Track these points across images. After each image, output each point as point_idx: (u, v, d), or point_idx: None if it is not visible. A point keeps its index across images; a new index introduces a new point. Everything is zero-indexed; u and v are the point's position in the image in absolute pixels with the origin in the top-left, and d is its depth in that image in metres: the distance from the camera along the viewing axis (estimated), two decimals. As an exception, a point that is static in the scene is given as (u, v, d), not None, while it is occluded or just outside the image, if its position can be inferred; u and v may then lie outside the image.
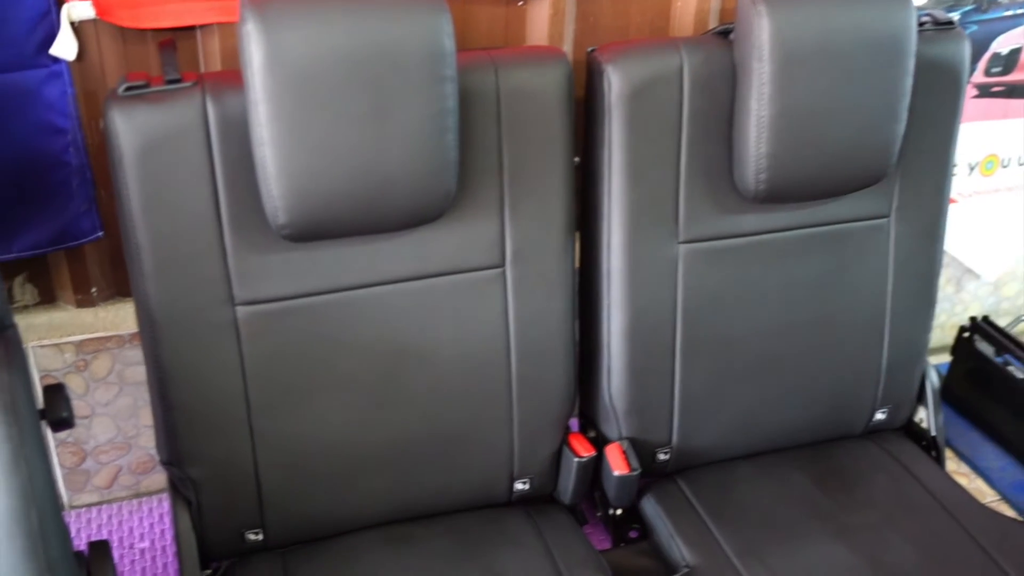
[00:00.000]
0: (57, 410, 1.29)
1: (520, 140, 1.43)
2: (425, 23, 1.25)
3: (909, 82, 1.49)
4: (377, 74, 1.24)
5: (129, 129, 1.27)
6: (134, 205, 1.30)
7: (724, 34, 1.53)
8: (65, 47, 1.45)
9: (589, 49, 1.54)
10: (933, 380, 1.81)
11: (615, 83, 1.46)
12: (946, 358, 2.31)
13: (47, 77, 1.47)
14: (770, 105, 1.42)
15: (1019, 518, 1.92)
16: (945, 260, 1.78)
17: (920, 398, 1.82)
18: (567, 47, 1.69)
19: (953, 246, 2.15)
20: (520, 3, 1.65)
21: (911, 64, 1.47)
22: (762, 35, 1.40)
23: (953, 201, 2.08)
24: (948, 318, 2.41)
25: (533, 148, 1.44)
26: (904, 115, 1.50)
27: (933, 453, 1.81)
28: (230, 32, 1.50)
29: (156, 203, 1.31)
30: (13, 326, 1.19)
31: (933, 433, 1.81)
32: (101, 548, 1.32)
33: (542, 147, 1.45)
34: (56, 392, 1.32)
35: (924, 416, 1.83)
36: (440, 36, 1.26)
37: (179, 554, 1.47)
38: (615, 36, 1.67)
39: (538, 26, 1.67)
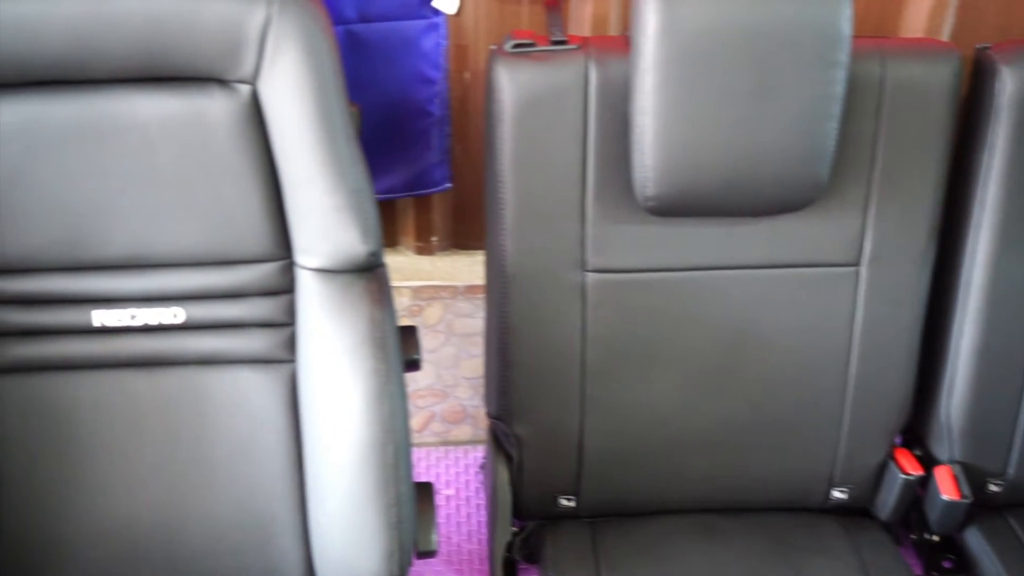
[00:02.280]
0: (410, 351, 1.34)
1: (897, 137, 1.36)
2: (825, 4, 1.21)
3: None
4: (767, 52, 1.21)
5: (512, 85, 1.29)
6: (506, 160, 1.32)
7: None
8: (449, 1, 1.49)
9: (979, 46, 1.44)
10: None
11: (1007, 85, 1.36)
12: None
13: (426, 28, 1.52)
14: None
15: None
16: None
17: None
18: (944, 40, 1.59)
19: None
20: (900, -9, 1.57)
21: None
22: None
23: None
24: None
25: (909, 147, 1.36)
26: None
27: None
28: (607, -1, 1.51)
29: (527, 160, 1.32)
30: (383, 265, 1.23)
31: None
32: (425, 489, 1.36)
33: (919, 147, 1.37)
34: (410, 334, 1.36)
35: None
36: (838, 19, 1.21)
37: (494, 507, 1.50)
38: (998, 34, 1.55)
39: (915, 16, 1.59)
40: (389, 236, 1.74)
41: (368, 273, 1.20)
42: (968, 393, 1.49)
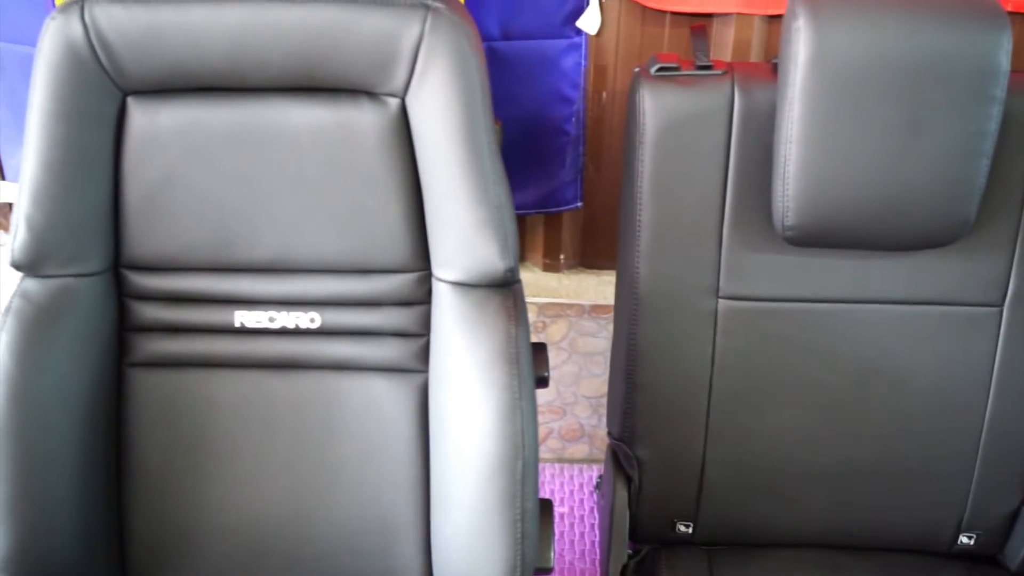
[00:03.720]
0: (540, 368, 1.34)
1: None
2: (984, 37, 1.18)
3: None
4: (920, 84, 1.18)
5: (656, 108, 1.29)
6: (645, 182, 1.32)
7: None
8: (591, 21, 1.50)
9: None
10: None
11: None
12: None
13: (567, 48, 1.53)
14: None
15: None
16: None
17: None
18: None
19: None
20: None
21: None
22: None
23: None
24: None
25: None
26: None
27: None
28: (746, 24, 1.50)
29: (666, 184, 1.32)
30: (519, 282, 1.24)
31: None
32: (546, 506, 1.36)
33: None
34: (540, 351, 1.37)
35: None
36: (997, 53, 1.18)
37: (610, 528, 1.49)
38: None
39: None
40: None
41: (504, 289, 1.21)
42: None
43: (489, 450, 1.14)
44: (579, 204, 1.67)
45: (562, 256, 1.74)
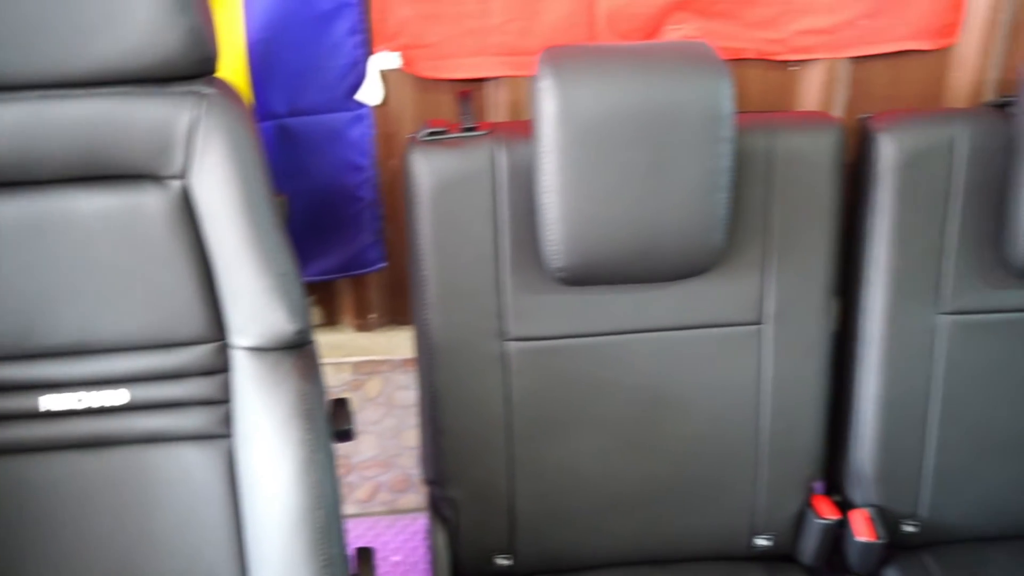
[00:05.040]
0: (341, 422, 1.42)
1: (788, 202, 1.47)
2: (707, 86, 1.32)
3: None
4: (657, 132, 1.31)
5: (427, 171, 1.39)
6: (425, 240, 1.42)
7: (1002, 106, 1.52)
8: (371, 93, 1.60)
9: (861, 116, 1.56)
10: None
11: (886, 151, 1.48)
12: None
13: (352, 119, 1.62)
14: None
15: None
16: None
17: None
18: (838, 113, 1.71)
19: None
20: (793, 68, 1.69)
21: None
22: None
23: None
24: None
25: (800, 211, 1.48)
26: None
27: None
28: (517, 85, 1.61)
29: (445, 240, 1.42)
30: (312, 342, 1.32)
31: None
32: (367, 554, 1.44)
33: (809, 210, 1.48)
34: (341, 406, 1.45)
35: None
36: (721, 99, 1.32)
37: (433, 569, 1.57)
38: (887, 104, 1.67)
39: (810, 91, 1.70)
40: (329, 315, 1.83)
41: (297, 350, 1.29)
42: (875, 441, 1.59)
43: (291, 503, 1.21)
44: (383, 264, 1.75)
45: (372, 315, 1.82)
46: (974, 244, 1.52)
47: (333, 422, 1.40)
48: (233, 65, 1.52)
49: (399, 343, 1.82)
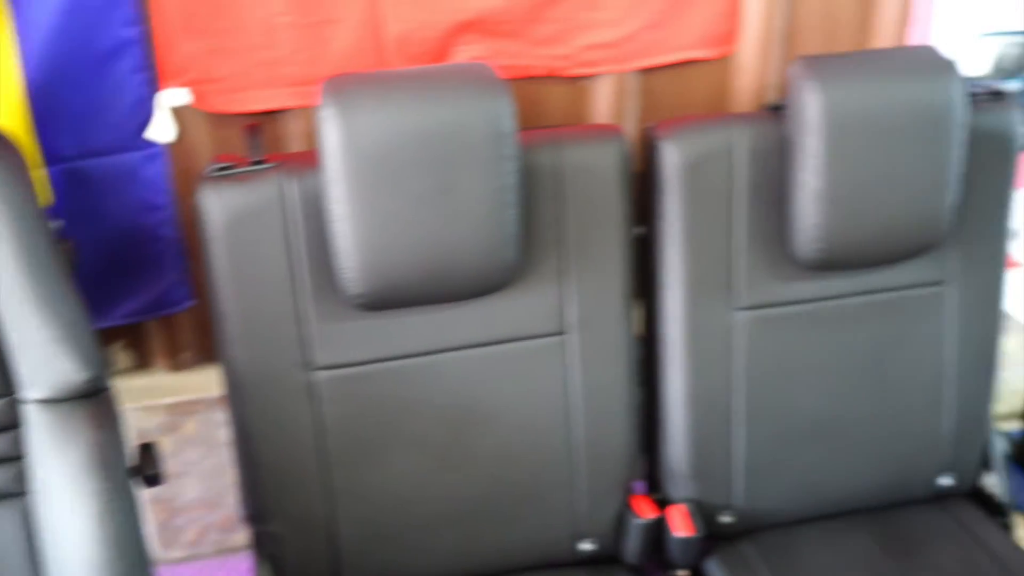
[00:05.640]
0: (149, 467, 1.39)
1: (580, 214, 1.51)
2: (487, 107, 1.35)
3: (959, 152, 1.53)
4: (443, 154, 1.33)
5: (217, 207, 1.38)
6: (221, 276, 1.41)
7: (777, 109, 1.59)
8: (160, 131, 1.58)
9: (645, 126, 1.62)
10: (998, 446, 1.81)
11: (670, 158, 1.54)
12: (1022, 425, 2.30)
13: (145, 159, 1.60)
14: (821, 177, 1.48)
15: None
16: (1019, 325, 1.79)
17: (987, 464, 1.83)
18: (630, 123, 1.77)
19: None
20: (582, 82, 1.74)
21: (960, 135, 1.52)
22: (812, 111, 1.46)
23: (1020, 266, 2.09)
24: (1022, 383, 2.39)
25: (592, 221, 1.52)
26: (954, 184, 1.54)
27: (1001, 519, 1.81)
28: (312, 115, 1.61)
29: (240, 274, 1.41)
30: (108, 389, 1.30)
31: (1000, 499, 1.81)
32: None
33: (601, 220, 1.52)
34: (148, 451, 1.42)
35: (992, 481, 1.83)
36: (501, 119, 1.34)
37: (260, 606, 1.55)
38: (677, 112, 1.74)
39: (602, 103, 1.76)
40: (141, 358, 1.79)
41: (92, 399, 1.26)
42: (684, 438, 1.64)
43: (90, 557, 1.19)
44: (191, 302, 1.73)
45: (185, 354, 1.79)
46: (761, 241, 1.59)
47: (141, 468, 1.38)
48: (9, 109, 1.48)
49: (214, 381, 1.79)
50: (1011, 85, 1.95)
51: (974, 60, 1.91)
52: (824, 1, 1.80)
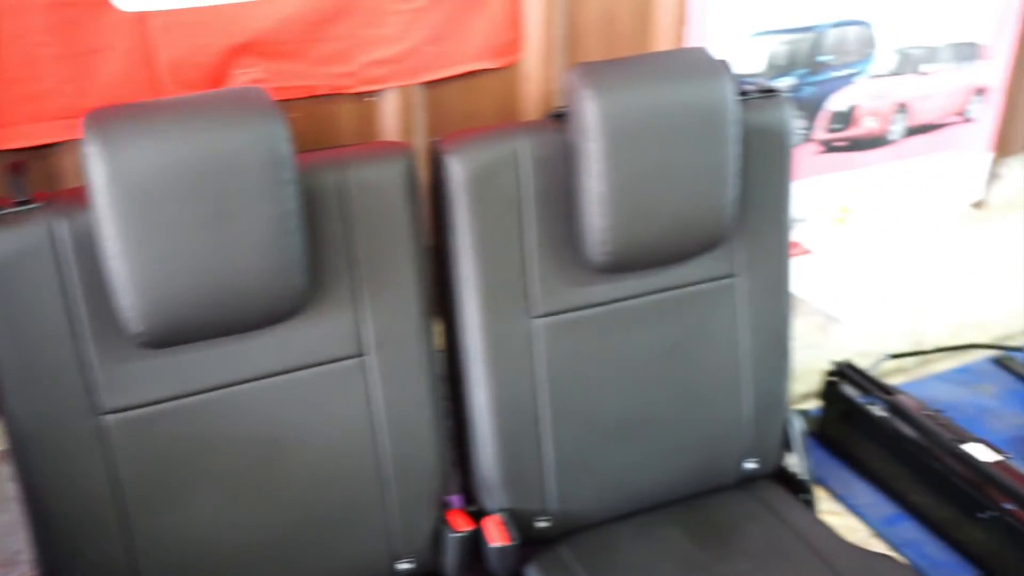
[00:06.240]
0: None
1: (369, 233, 1.49)
2: (259, 132, 1.31)
3: (735, 149, 1.58)
4: (216, 183, 1.29)
5: None
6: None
7: (559, 116, 1.62)
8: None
9: (431, 139, 1.62)
10: (796, 426, 1.89)
11: (455, 170, 1.54)
12: (820, 402, 2.40)
13: None
14: (604, 181, 1.51)
15: (887, 552, 2.00)
16: (809, 308, 1.86)
17: (788, 444, 1.90)
18: (420, 137, 1.76)
19: (813, 294, 2.26)
20: (370, 99, 1.72)
21: (735, 132, 1.57)
22: (590, 117, 1.49)
23: (807, 252, 2.20)
24: (817, 363, 2.50)
25: (382, 240, 1.51)
26: (733, 180, 1.59)
27: (803, 496, 1.89)
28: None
29: (13, 322, 1.34)
30: None
31: (801, 477, 1.89)
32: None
33: (391, 238, 1.51)
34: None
35: (793, 461, 1.91)
36: (276, 143, 1.31)
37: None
38: (466, 123, 1.74)
39: (391, 119, 1.75)
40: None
41: None
42: (493, 447, 1.65)
43: None
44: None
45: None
46: (553, 248, 1.61)
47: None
48: None
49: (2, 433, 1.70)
50: (784, 82, 2.04)
51: (748, 59, 1.99)
52: (603, 6, 1.85)
